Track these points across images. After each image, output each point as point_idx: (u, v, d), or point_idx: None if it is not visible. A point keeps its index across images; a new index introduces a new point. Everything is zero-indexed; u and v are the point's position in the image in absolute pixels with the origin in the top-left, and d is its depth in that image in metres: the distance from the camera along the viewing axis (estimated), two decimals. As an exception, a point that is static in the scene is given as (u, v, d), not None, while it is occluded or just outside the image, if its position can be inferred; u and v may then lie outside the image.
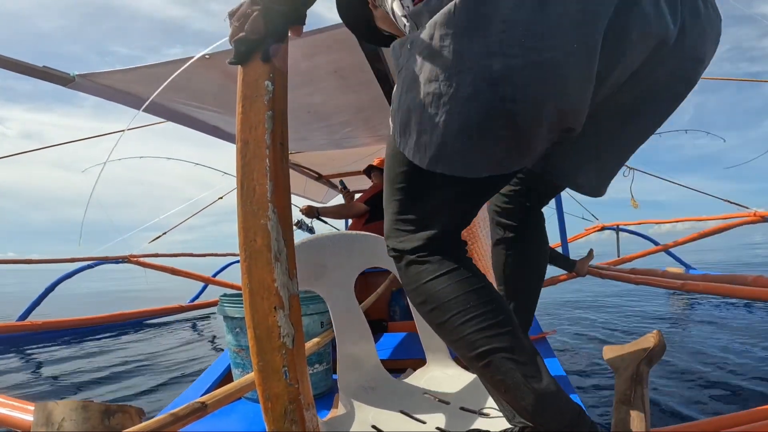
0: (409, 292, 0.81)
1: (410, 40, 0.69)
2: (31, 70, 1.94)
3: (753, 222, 4.58)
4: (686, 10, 0.69)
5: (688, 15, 0.69)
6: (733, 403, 2.16)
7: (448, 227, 0.77)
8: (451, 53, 0.62)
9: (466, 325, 0.72)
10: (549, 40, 0.60)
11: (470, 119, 0.63)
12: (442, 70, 0.63)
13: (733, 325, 3.90)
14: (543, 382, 0.72)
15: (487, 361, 0.72)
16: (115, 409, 0.75)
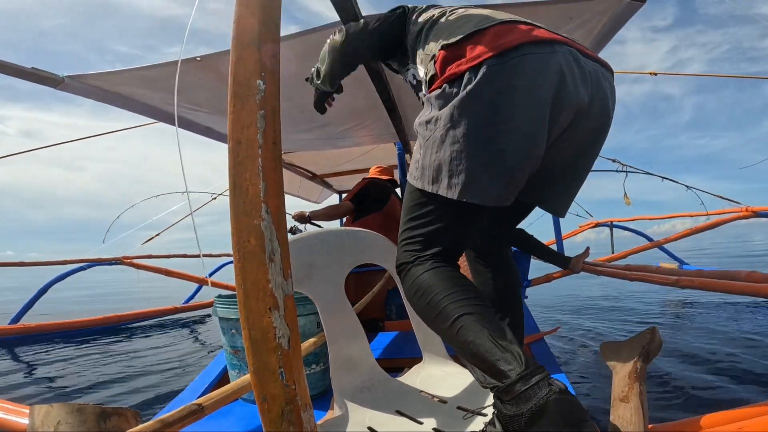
0: (407, 290, 1.00)
1: (435, 117, 0.97)
2: (20, 72, 1.93)
3: (745, 217, 4.62)
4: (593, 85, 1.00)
5: (593, 88, 1.00)
6: (733, 398, 2.18)
7: (446, 245, 1.01)
8: (465, 127, 0.93)
9: (443, 300, 0.91)
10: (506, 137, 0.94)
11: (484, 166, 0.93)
12: (462, 136, 0.93)
13: (729, 319, 3.93)
14: (507, 337, 0.86)
15: (460, 326, 0.88)
16: (111, 412, 0.75)
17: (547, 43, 0.95)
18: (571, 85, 0.95)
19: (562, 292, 6.42)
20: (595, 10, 1.76)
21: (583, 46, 1.04)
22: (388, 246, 1.47)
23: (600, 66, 1.05)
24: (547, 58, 0.93)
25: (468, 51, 0.96)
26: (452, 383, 1.31)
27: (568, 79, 0.94)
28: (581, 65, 0.98)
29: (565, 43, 0.98)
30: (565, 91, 0.94)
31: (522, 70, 0.92)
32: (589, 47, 1.77)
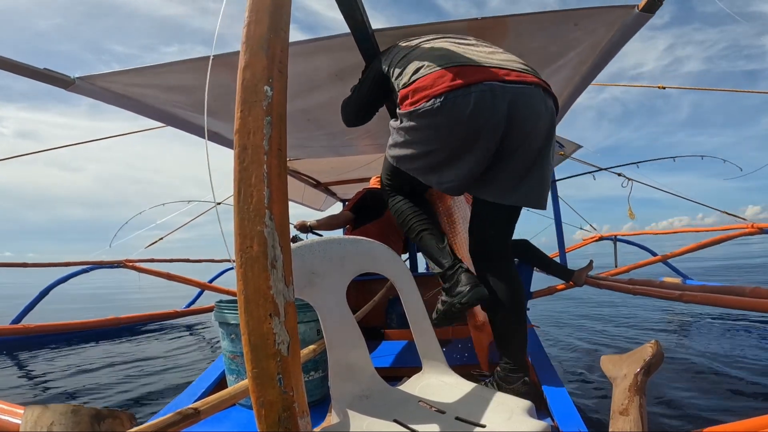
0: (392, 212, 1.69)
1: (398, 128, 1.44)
2: (32, 72, 1.94)
3: (750, 234, 4.59)
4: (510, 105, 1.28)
5: (511, 107, 1.28)
6: (734, 412, 2.16)
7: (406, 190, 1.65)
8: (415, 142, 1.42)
9: (411, 220, 1.60)
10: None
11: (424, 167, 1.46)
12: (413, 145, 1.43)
13: (732, 333, 3.90)
14: (443, 243, 1.53)
15: (420, 237, 1.57)
16: (106, 414, 0.74)
17: (464, 87, 1.27)
18: (485, 113, 1.27)
19: (564, 303, 6.39)
20: (604, 20, 1.76)
21: (508, 70, 1.33)
22: (390, 255, 1.47)
23: (525, 85, 1.31)
24: (462, 100, 1.27)
25: (411, 94, 1.34)
26: (451, 394, 1.31)
27: (481, 110, 1.26)
28: (496, 95, 1.27)
29: (481, 81, 1.27)
30: (480, 119, 1.27)
31: (444, 111, 1.28)
32: (597, 58, 1.86)
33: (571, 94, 2.46)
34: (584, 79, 2.24)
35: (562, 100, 2.57)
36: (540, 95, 1.34)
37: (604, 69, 2.12)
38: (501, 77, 1.29)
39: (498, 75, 1.29)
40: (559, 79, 2.26)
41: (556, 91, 2.45)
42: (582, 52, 2.00)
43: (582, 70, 2.17)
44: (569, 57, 2.03)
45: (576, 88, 2.36)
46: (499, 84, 1.28)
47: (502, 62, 1.36)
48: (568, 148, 3.85)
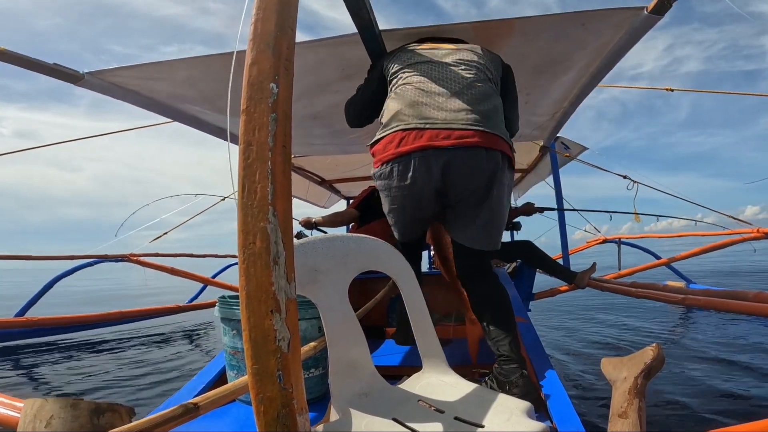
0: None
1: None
2: (42, 68, 1.95)
3: (756, 239, 4.56)
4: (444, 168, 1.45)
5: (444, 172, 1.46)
6: (733, 416, 2.15)
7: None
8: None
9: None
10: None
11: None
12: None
13: (733, 339, 3.88)
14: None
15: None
16: (105, 408, 0.75)
17: (405, 155, 1.46)
18: (423, 178, 1.47)
19: (566, 305, 6.37)
20: (612, 22, 1.74)
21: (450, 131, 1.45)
22: (393, 254, 1.47)
23: (460, 149, 1.44)
24: (404, 166, 1.47)
25: (374, 156, 1.59)
26: (451, 393, 1.31)
27: (419, 175, 1.46)
28: (430, 160, 1.45)
29: (418, 149, 1.45)
30: (419, 183, 1.48)
31: (392, 174, 1.50)
32: (604, 60, 1.87)
33: (578, 95, 2.45)
34: (591, 81, 2.23)
35: (569, 101, 2.56)
36: (477, 154, 1.46)
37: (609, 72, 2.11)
38: (439, 142, 1.44)
39: (436, 139, 1.44)
40: (566, 80, 2.25)
41: (563, 93, 2.45)
42: (589, 54, 1.99)
43: (589, 72, 2.16)
44: (576, 58, 2.03)
45: (583, 89, 2.35)
46: (433, 150, 1.44)
47: (449, 121, 1.46)
48: (574, 149, 3.84)
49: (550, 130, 3.14)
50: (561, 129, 3.12)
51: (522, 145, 3.73)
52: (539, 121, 2.94)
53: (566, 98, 2.53)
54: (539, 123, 2.97)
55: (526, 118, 2.87)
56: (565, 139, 3.72)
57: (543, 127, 3.07)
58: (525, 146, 3.78)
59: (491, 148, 1.47)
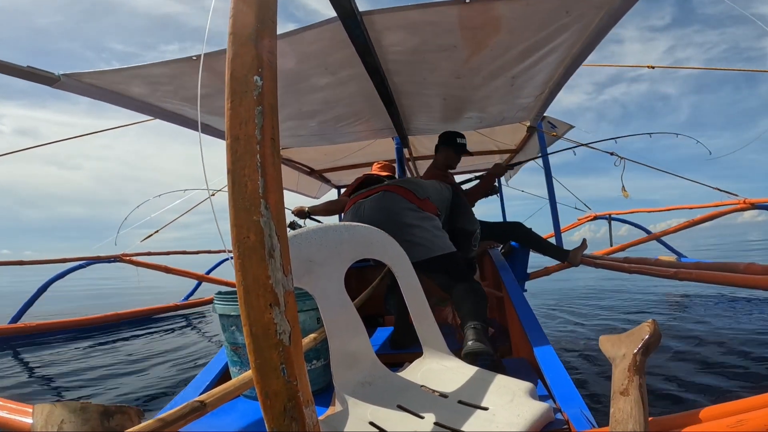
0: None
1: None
2: (16, 71, 1.91)
3: (743, 209, 4.62)
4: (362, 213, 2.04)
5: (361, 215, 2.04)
6: (733, 390, 2.19)
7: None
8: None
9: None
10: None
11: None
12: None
13: (728, 312, 3.94)
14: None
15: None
16: (114, 410, 0.75)
17: (348, 211, 2.14)
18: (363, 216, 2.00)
19: (561, 284, 6.43)
20: (592, 3, 1.74)
21: (372, 191, 2.12)
22: (387, 241, 1.47)
23: (372, 196, 2.09)
24: (346, 217, 2.12)
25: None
26: (453, 378, 1.32)
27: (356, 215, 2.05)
28: (354, 211, 2.09)
29: (355, 203, 2.13)
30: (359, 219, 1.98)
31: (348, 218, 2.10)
32: (585, 42, 1.89)
33: (563, 75, 2.45)
34: (575, 61, 2.24)
35: (554, 81, 2.56)
36: (380, 197, 2.05)
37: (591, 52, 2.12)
38: (361, 197, 2.12)
39: (361, 197, 2.13)
40: (550, 61, 2.25)
41: (547, 75, 2.45)
42: (572, 36, 1.99)
43: (572, 53, 2.17)
44: (559, 41, 2.03)
45: (567, 69, 2.36)
46: (356, 204, 2.11)
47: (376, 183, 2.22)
48: (561, 128, 3.84)
49: (537, 111, 3.14)
50: (547, 108, 3.12)
51: (509, 126, 3.73)
52: (525, 103, 2.94)
53: (551, 79, 2.53)
54: (525, 104, 2.97)
55: (513, 101, 2.87)
56: (552, 119, 3.72)
57: (529, 108, 3.07)
58: (512, 127, 3.78)
59: (394, 187, 2.07)
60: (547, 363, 1.52)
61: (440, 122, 3.26)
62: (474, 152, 4.68)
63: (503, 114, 3.16)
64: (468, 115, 3.12)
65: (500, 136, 4.21)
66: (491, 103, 2.89)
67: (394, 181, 2.25)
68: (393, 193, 2.04)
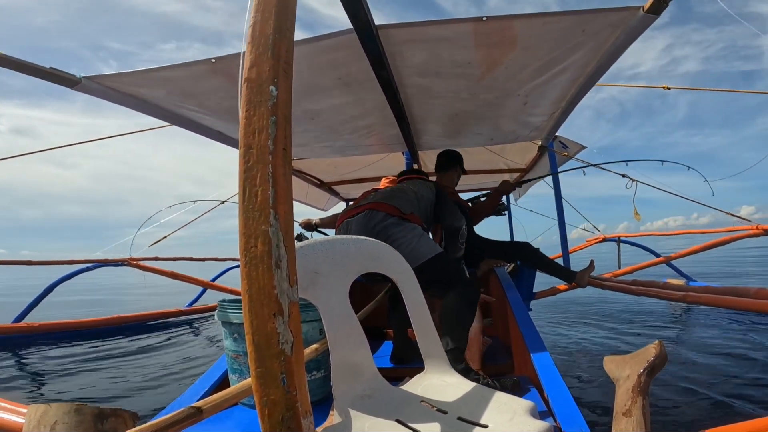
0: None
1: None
2: (39, 72, 1.95)
3: (755, 236, 4.56)
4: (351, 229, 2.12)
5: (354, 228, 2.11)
6: (737, 412, 2.15)
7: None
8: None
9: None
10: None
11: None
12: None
13: (736, 333, 3.88)
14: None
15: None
16: (109, 413, 0.74)
17: (340, 226, 2.20)
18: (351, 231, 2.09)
19: (566, 304, 6.37)
20: (608, 22, 1.74)
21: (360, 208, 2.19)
22: (393, 255, 1.47)
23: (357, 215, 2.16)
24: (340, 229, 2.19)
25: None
26: (453, 394, 1.31)
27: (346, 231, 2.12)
28: (344, 228, 2.16)
29: (345, 219, 2.19)
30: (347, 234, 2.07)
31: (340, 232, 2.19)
32: (600, 61, 1.88)
33: (576, 95, 2.45)
34: (589, 80, 2.23)
35: (567, 100, 2.57)
36: (365, 216, 2.12)
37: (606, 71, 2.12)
38: (350, 215, 2.19)
39: (349, 214, 2.20)
40: (563, 80, 2.26)
41: (560, 93, 2.46)
42: (586, 54, 1.99)
43: (586, 72, 2.17)
44: (573, 59, 2.03)
45: (580, 89, 2.36)
46: (345, 221, 2.18)
47: (366, 201, 2.25)
48: (573, 149, 3.84)
49: (549, 130, 3.14)
50: (559, 128, 3.12)
51: (520, 145, 3.73)
52: (537, 122, 2.94)
53: (564, 98, 2.53)
54: (537, 123, 2.98)
55: (525, 119, 2.87)
56: (564, 138, 3.72)
57: (541, 127, 3.07)
58: (523, 146, 3.78)
59: (380, 206, 2.15)
60: (549, 381, 1.51)
61: (451, 138, 3.27)
62: (484, 171, 4.70)
63: (516, 132, 3.16)
64: (479, 131, 3.13)
65: (510, 155, 4.22)
66: (504, 121, 2.90)
67: (380, 196, 2.26)
68: (376, 211, 2.12)
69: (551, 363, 1.65)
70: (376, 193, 2.33)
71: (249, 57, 0.56)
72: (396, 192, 2.30)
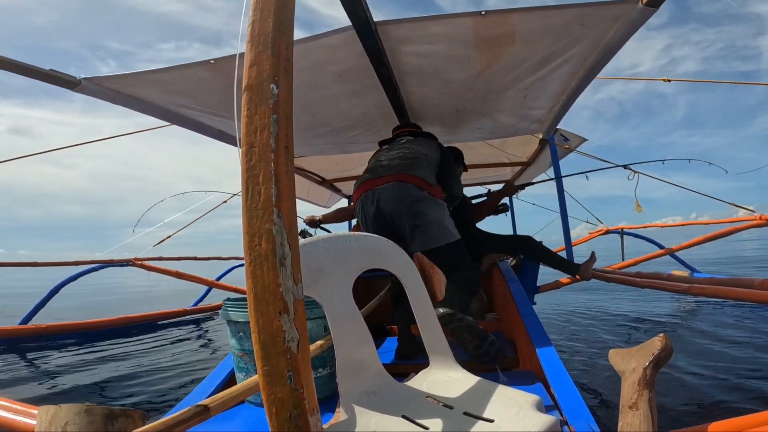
0: None
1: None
2: (38, 74, 1.96)
3: (759, 225, 4.54)
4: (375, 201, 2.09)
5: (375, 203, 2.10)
6: (743, 405, 2.15)
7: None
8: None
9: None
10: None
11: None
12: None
13: (739, 328, 3.87)
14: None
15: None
16: (118, 413, 0.75)
17: (358, 200, 2.19)
18: (367, 210, 2.13)
19: (571, 297, 6.37)
20: (607, 16, 1.74)
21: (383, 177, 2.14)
22: (396, 251, 1.47)
23: (384, 185, 2.10)
24: (359, 205, 2.19)
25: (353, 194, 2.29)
26: (459, 389, 1.31)
27: (366, 209, 2.14)
28: (368, 198, 2.13)
29: (364, 192, 2.16)
30: (367, 214, 2.13)
31: (358, 216, 2.22)
32: (600, 54, 1.88)
33: (576, 88, 2.44)
34: (588, 74, 2.23)
35: (567, 94, 2.56)
36: (393, 187, 2.08)
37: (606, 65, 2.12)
38: (374, 185, 2.13)
39: (373, 184, 2.14)
40: (563, 73, 2.25)
41: (560, 87, 2.45)
42: (586, 48, 1.99)
43: (586, 65, 2.16)
44: (573, 53, 2.03)
45: (580, 82, 2.35)
46: (371, 190, 2.12)
47: (384, 172, 2.16)
48: (574, 141, 3.82)
49: (549, 123, 3.13)
50: (560, 121, 3.11)
51: (521, 138, 3.72)
52: (537, 115, 2.93)
53: (564, 91, 2.53)
54: (538, 116, 2.97)
55: (525, 113, 2.87)
56: (565, 131, 3.70)
57: (542, 120, 3.06)
58: (524, 139, 3.77)
59: (408, 178, 2.10)
60: (554, 375, 1.51)
61: (452, 133, 3.27)
62: (484, 164, 4.69)
63: (516, 126, 3.15)
64: (480, 125, 3.12)
65: (511, 148, 4.21)
66: (504, 115, 2.89)
67: (401, 165, 2.17)
68: (405, 183, 2.10)
69: (556, 357, 1.65)
70: (391, 159, 2.25)
71: (249, 56, 0.56)
72: (413, 160, 2.22)
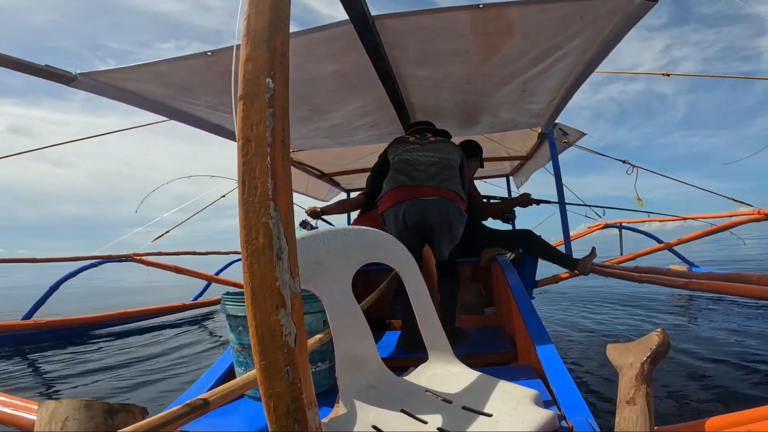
0: None
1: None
2: (34, 69, 1.94)
3: (757, 220, 4.54)
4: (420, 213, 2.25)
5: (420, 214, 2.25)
6: (740, 400, 2.16)
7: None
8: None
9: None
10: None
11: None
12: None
13: (738, 320, 3.89)
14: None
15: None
16: (118, 408, 0.75)
17: (398, 204, 2.27)
18: (408, 218, 2.25)
19: (569, 292, 6.38)
20: (606, 10, 1.74)
21: (425, 188, 2.25)
22: (395, 245, 1.47)
23: (430, 198, 2.24)
24: (398, 210, 2.27)
25: (380, 204, 2.41)
26: (457, 383, 1.31)
27: (407, 217, 2.24)
28: (412, 208, 2.24)
29: (406, 201, 2.25)
30: (406, 220, 2.25)
31: (390, 217, 2.32)
32: (598, 48, 1.88)
33: (575, 82, 2.44)
34: (587, 68, 2.23)
35: (566, 88, 2.55)
36: (439, 203, 2.24)
37: (605, 59, 2.11)
38: (419, 195, 2.24)
39: (418, 193, 2.25)
40: (562, 67, 2.24)
41: (559, 81, 2.45)
42: (585, 42, 1.98)
43: (585, 59, 2.16)
44: (572, 47, 2.02)
45: (579, 76, 2.35)
46: (417, 200, 2.24)
47: (425, 180, 2.27)
48: (573, 135, 3.82)
49: (548, 117, 3.13)
50: (559, 115, 3.11)
51: (520, 132, 3.71)
52: (536, 109, 2.93)
53: (563, 85, 2.52)
54: (537, 110, 2.96)
55: (525, 107, 2.86)
56: (564, 126, 3.70)
57: (541, 114, 3.06)
58: (523, 133, 3.77)
59: (447, 195, 2.27)
60: (552, 369, 1.51)
61: (451, 127, 3.26)
62: (484, 158, 4.68)
63: (515, 120, 3.15)
64: (479, 120, 3.12)
65: (510, 142, 4.21)
66: (503, 109, 2.89)
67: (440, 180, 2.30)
68: (449, 200, 2.28)
69: (554, 351, 1.66)
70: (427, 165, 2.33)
71: (245, 49, 0.55)
72: (449, 170, 2.35)
